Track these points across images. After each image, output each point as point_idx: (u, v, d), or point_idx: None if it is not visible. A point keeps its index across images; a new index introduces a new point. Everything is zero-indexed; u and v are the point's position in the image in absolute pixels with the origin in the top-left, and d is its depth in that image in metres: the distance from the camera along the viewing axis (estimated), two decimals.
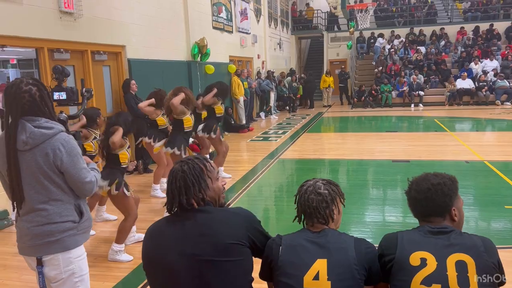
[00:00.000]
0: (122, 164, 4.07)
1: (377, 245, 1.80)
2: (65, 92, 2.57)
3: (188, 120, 5.37)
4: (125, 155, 4.09)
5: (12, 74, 17.89)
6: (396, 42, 19.47)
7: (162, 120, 6.00)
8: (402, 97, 16.69)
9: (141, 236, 4.31)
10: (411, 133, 10.89)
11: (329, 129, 12.71)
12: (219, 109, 6.44)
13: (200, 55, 10.00)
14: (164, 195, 5.97)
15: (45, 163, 2.05)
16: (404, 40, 19.46)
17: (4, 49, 5.80)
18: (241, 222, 1.70)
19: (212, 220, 1.68)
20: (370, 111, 15.89)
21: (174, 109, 5.26)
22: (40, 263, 2.13)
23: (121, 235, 4.01)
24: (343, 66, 19.10)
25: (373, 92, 16.89)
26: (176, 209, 1.73)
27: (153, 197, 6.03)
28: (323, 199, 1.78)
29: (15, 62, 18.05)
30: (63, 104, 2.63)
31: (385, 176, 6.72)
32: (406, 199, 1.85)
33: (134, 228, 4.34)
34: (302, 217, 1.83)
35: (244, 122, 12.44)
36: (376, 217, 4.96)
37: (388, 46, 19.20)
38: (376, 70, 17.87)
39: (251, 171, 7.29)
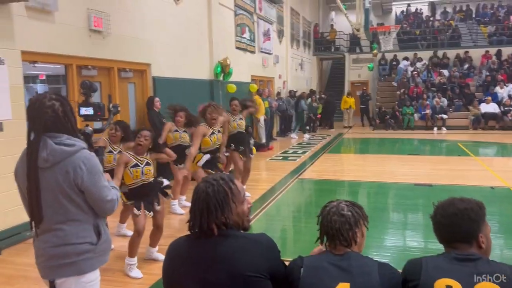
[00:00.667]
0: (127, 185, 4.02)
1: (401, 270, 1.76)
2: (92, 108, 2.60)
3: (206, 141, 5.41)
4: (127, 175, 3.98)
5: (41, 89, 18.45)
6: (419, 64, 19.35)
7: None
8: (424, 120, 16.48)
9: (159, 256, 4.30)
10: (433, 156, 10.71)
11: (349, 150, 12.60)
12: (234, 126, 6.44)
13: (222, 74, 10.14)
14: (183, 211, 6.06)
15: (65, 181, 2.00)
16: (427, 62, 19.33)
17: (35, 65, 6.02)
18: (263, 253, 1.61)
19: (232, 247, 1.60)
20: (392, 133, 15.72)
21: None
22: (52, 286, 2.07)
23: (129, 248, 4.04)
24: (364, 88, 19.03)
25: (396, 113, 16.74)
26: (197, 229, 1.67)
27: (172, 213, 6.06)
28: (346, 221, 1.74)
29: (44, 78, 18.65)
30: (90, 119, 2.64)
31: (406, 200, 6.59)
32: (431, 223, 1.81)
33: (155, 249, 4.35)
34: (325, 238, 1.81)
35: (264, 141, 12.46)
36: (397, 242, 4.85)
37: (411, 69, 19.09)
38: (398, 92, 17.74)
39: (270, 190, 7.26)
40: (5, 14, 4.89)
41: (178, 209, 6.09)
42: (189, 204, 6.04)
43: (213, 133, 5.47)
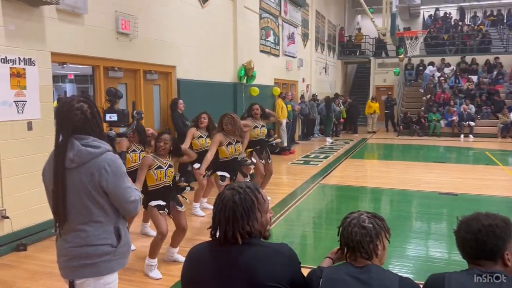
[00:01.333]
0: (148, 186, 4.09)
1: (422, 284, 1.73)
2: (116, 114, 2.65)
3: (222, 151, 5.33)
4: (151, 176, 4.06)
5: (69, 88, 18.97)
6: (446, 70, 18.94)
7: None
8: (451, 127, 16.12)
9: (179, 257, 4.34)
10: (460, 164, 10.46)
11: (373, 156, 12.44)
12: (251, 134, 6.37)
13: (246, 77, 10.18)
14: (203, 214, 6.10)
15: (90, 183, 2.04)
16: (455, 68, 18.91)
17: (64, 66, 6.18)
18: (285, 264, 1.61)
19: (254, 256, 1.60)
20: (417, 139, 15.44)
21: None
22: (72, 286, 2.12)
23: (151, 249, 4.09)
24: (389, 93, 18.78)
25: (422, 120, 16.44)
26: (219, 237, 1.67)
27: (193, 215, 6.10)
28: (367, 233, 1.72)
29: (72, 77, 19.15)
30: (114, 125, 2.70)
31: (430, 209, 6.45)
32: (455, 238, 1.77)
33: (176, 250, 4.39)
34: (345, 250, 1.79)
35: (285, 144, 12.45)
36: (420, 252, 4.75)
37: (438, 74, 18.71)
38: (424, 98, 17.42)
39: (291, 195, 7.24)
40: (37, 17, 5.04)
41: (199, 211, 6.13)
42: (210, 206, 6.10)
43: (230, 143, 5.30)
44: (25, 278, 4.07)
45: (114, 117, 2.65)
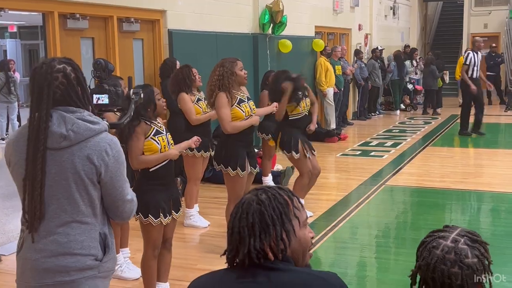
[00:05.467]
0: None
1: None
2: (107, 95, 2.71)
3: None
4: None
5: (11, 46, 19.35)
6: None
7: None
8: None
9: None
10: None
11: (467, 142, 12.26)
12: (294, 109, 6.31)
13: (272, 25, 10.13)
14: (207, 222, 6.17)
15: (84, 168, 2.21)
16: None
17: (2, 13, 6.26)
18: None
19: (292, 284, 1.65)
20: None
21: None
22: None
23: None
24: (494, 45, 18.39)
25: None
26: (242, 260, 1.70)
27: (189, 226, 6.17)
28: (473, 273, 1.73)
29: (15, 30, 19.47)
30: (104, 109, 2.78)
31: None
32: None
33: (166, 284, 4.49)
34: None
35: (333, 126, 12.38)
36: None
37: None
38: None
39: (341, 202, 7.23)
40: None
41: (199, 219, 6.18)
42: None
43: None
44: None
45: (104, 99, 2.72)
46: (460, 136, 12.12)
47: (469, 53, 11.61)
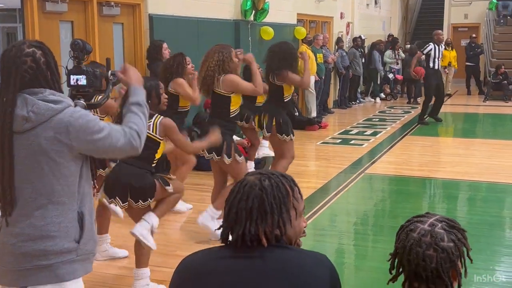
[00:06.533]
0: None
1: None
2: (85, 76, 2.71)
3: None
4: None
5: None
6: None
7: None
8: None
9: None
10: None
11: (446, 131, 12.42)
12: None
13: (254, 12, 10.10)
14: (189, 205, 6.25)
15: (53, 147, 2.21)
16: None
17: None
18: (327, 276, 1.75)
19: (287, 260, 1.72)
20: None
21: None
22: None
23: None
24: (473, 35, 18.53)
25: None
26: (235, 240, 1.73)
27: (177, 212, 6.14)
28: (448, 257, 1.74)
29: None
30: (82, 91, 2.78)
31: None
32: None
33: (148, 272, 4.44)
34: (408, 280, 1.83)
35: (313, 114, 12.40)
36: None
37: None
38: None
39: (321, 190, 7.27)
40: None
41: (180, 204, 6.18)
42: None
43: None
44: None
45: (82, 80, 2.72)
46: (438, 125, 12.24)
47: (430, 44, 11.84)
